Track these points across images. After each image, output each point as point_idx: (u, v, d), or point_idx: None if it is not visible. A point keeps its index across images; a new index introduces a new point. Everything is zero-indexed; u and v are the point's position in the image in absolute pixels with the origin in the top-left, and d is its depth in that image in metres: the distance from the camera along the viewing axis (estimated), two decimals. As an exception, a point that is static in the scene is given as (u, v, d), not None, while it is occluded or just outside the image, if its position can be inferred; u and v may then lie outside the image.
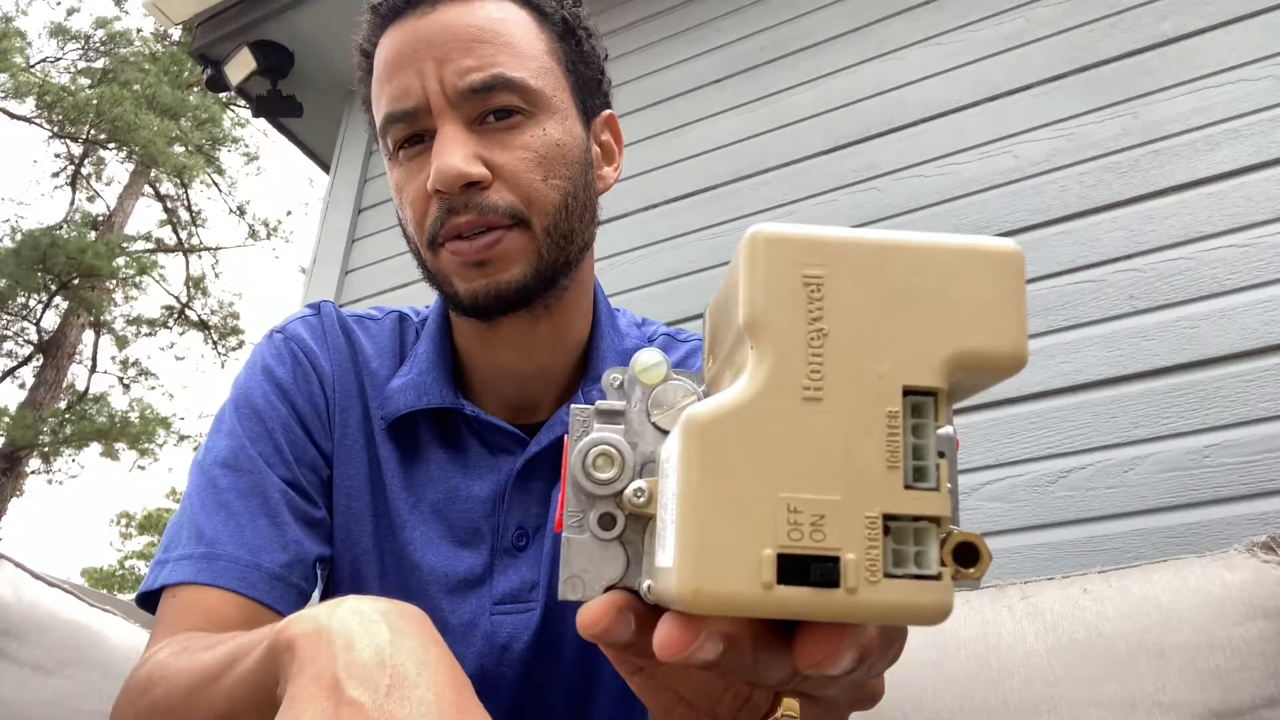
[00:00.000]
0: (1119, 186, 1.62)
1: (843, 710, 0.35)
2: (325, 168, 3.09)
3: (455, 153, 0.64)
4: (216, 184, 12.92)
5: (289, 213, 19.61)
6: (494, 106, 0.65)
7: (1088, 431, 1.48)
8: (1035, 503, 1.47)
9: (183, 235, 12.79)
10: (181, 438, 12.48)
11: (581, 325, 0.75)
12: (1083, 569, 1.06)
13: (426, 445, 0.72)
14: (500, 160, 0.65)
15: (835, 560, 0.23)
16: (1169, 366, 1.46)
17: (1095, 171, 1.65)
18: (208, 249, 12.95)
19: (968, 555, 0.24)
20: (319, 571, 0.69)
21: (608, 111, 0.76)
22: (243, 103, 3.12)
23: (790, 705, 0.33)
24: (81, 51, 12.38)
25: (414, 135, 0.67)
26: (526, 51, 0.67)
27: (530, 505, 0.70)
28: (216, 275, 14.27)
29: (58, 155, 12.35)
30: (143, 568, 13.71)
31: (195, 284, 12.74)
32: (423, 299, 0.76)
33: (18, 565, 1.15)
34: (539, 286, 0.67)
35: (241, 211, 13.09)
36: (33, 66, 11.97)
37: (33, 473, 11.34)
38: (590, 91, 0.73)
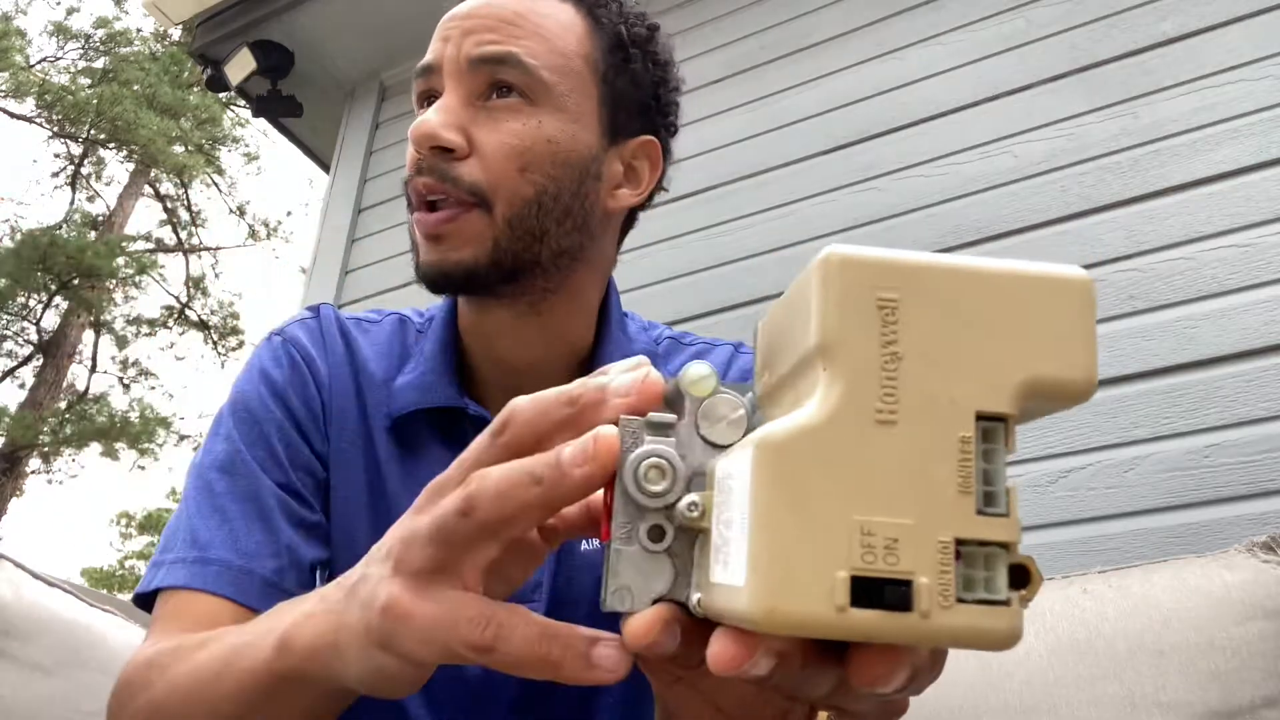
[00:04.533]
0: (1119, 186, 1.62)
1: None
2: (325, 168, 3.09)
3: (437, 116, 0.65)
4: (216, 184, 12.92)
5: (289, 213, 19.57)
6: (496, 79, 0.67)
7: (1088, 431, 1.48)
8: (1035, 503, 1.47)
9: (183, 235, 12.79)
10: (181, 438, 12.48)
11: (581, 330, 0.75)
12: (1082, 569, 1.06)
13: (429, 443, 0.72)
14: (483, 138, 0.66)
15: (908, 584, 0.23)
16: (1169, 366, 1.46)
17: (1095, 171, 1.65)
18: (208, 249, 12.96)
19: (1019, 577, 0.24)
20: (318, 575, 0.69)
21: (649, 137, 0.76)
22: (243, 103, 3.12)
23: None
24: (81, 51, 12.39)
25: (430, 93, 0.70)
26: (554, 45, 0.68)
27: None
28: (216, 275, 14.20)
29: (58, 155, 12.36)
30: (142, 568, 13.69)
31: (195, 284, 12.75)
32: (422, 300, 0.76)
33: (18, 565, 1.16)
34: (492, 275, 0.67)
35: (241, 211, 13.10)
36: (33, 66, 11.97)
37: (33, 473, 11.36)
38: (628, 111, 0.73)
